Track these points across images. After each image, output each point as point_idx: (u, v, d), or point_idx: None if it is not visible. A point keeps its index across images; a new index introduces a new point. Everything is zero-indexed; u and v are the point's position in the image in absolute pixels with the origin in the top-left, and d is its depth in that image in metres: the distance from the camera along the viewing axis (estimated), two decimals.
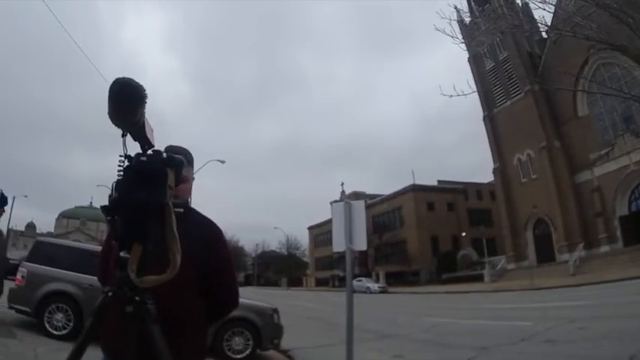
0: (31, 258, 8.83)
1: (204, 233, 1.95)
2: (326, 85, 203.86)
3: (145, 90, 1.38)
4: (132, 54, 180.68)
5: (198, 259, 1.84)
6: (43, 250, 9.05)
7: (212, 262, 1.92)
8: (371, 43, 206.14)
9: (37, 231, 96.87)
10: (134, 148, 1.48)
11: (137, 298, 1.42)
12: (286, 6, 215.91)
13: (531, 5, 6.48)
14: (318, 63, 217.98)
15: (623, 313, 11.23)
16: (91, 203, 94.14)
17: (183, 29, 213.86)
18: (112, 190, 1.42)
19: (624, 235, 36.26)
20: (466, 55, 49.00)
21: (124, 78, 1.35)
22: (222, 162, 29.68)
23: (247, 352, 7.86)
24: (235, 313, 7.94)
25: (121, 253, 1.41)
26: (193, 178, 2.08)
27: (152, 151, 1.49)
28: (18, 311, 8.23)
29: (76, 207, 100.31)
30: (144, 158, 1.45)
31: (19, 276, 8.40)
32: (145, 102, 1.39)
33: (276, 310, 8.56)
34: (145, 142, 1.49)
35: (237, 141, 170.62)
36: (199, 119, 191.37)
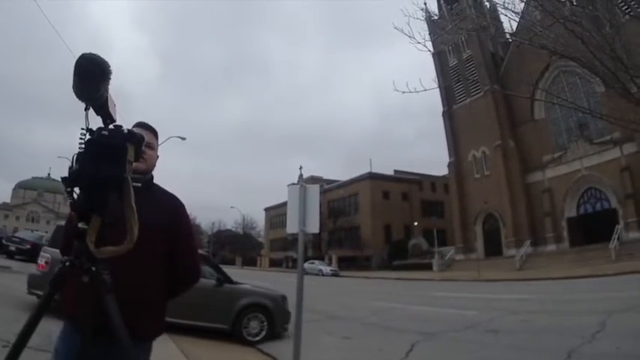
0: (53, 243, 8.51)
1: (168, 207, 2.04)
2: (291, 72, 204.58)
3: (109, 66, 1.40)
4: (99, 28, 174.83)
5: (162, 231, 1.93)
6: None
7: (176, 234, 2.01)
8: (338, 33, 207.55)
9: None
10: (96, 122, 1.50)
11: (93, 269, 1.45)
12: None
13: (498, 9, 6.60)
14: (284, 49, 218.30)
15: (565, 310, 11.69)
16: (49, 174, 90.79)
17: (152, 6, 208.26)
18: (72, 163, 1.44)
19: (571, 235, 37.84)
20: (427, 52, 49.34)
21: (89, 53, 1.37)
22: (183, 139, 29.08)
23: (263, 334, 8.21)
24: (251, 299, 8.30)
25: (80, 224, 1.44)
26: (157, 156, 2.14)
27: (113, 125, 1.51)
28: (39, 297, 7.89)
29: (33, 178, 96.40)
30: (105, 132, 1.47)
31: (41, 261, 8.08)
32: (110, 78, 1.42)
33: (285, 297, 8.87)
34: (107, 117, 1.51)
35: (201, 121, 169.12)
36: (164, 97, 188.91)
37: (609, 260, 27.97)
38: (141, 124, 2.08)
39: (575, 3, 6.63)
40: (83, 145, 1.44)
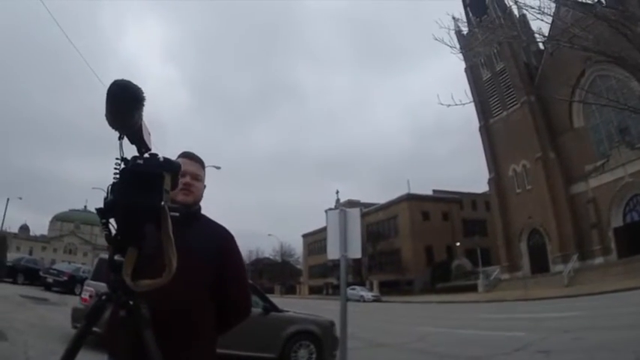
0: (96, 276, 8.73)
1: (216, 238, 1.98)
2: (322, 97, 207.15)
3: (143, 92, 1.36)
4: (131, 63, 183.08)
5: (212, 264, 1.87)
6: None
7: (228, 268, 1.95)
8: (367, 56, 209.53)
9: (31, 234, 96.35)
10: (131, 151, 1.46)
11: (131, 303, 1.40)
12: (285, 19, 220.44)
13: (529, 16, 6.53)
14: (314, 75, 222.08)
15: (617, 325, 11.22)
16: (85, 207, 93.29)
17: (182, 40, 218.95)
18: (107, 193, 1.40)
19: (618, 246, 36.28)
20: (461, 68, 49.30)
21: (122, 80, 1.33)
22: (218, 168, 29.54)
23: None
24: (299, 326, 8.17)
25: (116, 257, 1.39)
26: (205, 185, 2.09)
27: (149, 154, 1.47)
28: None
29: (70, 210, 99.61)
30: (140, 161, 1.43)
31: (85, 295, 8.30)
32: (143, 104, 1.37)
33: (333, 323, 8.69)
34: (142, 145, 1.46)
35: (234, 149, 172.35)
36: (197, 128, 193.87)
37: None
38: (186, 155, 2.04)
39: (604, 4, 6.52)
40: (118, 175, 1.40)
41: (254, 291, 8.64)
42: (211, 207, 2.06)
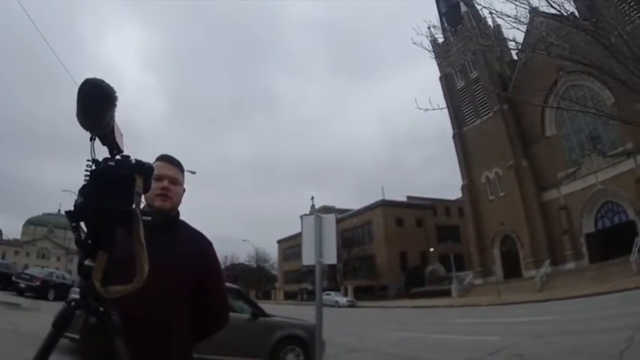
0: None
1: (195, 245, 1.93)
2: (298, 104, 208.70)
3: (115, 92, 1.30)
4: (109, 69, 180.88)
5: (190, 271, 1.81)
6: None
7: (206, 276, 1.90)
8: (342, 65, 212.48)
9: (4, 237, 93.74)
10: (103, 153, 1.42)
11: (101, 309, 1.35)
12: (262, 28, 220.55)
13: (504, 25, 6.64)
14: (290, 83, 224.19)
15: (590, 329, 11.41)
16: (59, 210, 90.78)
17: (160, 48, 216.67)
18: (78, 196, 1.34)
19: (590, 252, 37.15)
20: (435, 77, 50.19)
21: (94, 78, 1.28)
22: (194, 173, 29.15)
23: None
24: (286, 331, 8.15)
25: (86, 262, 1.34)
26: (184, 189, 2.02)
27: (121, 156, 1.41)
28: (71, 340, 7.94)
29: (43, 214, 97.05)
30: (112, 163, 1.38)
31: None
32: (116, 104, 1.32)
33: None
34: (114, 147, 1.41)
35: (210, 155, 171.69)
36: (173, 133, 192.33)
37: (631, 274, 27.31)
38: (163, 158, 1.95)
39: (577, 16, 6.69)
40: (89, 177, 1.34)
41: (241, 296, 8.59)
42: (187, 212, 2.00)
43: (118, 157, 1.40)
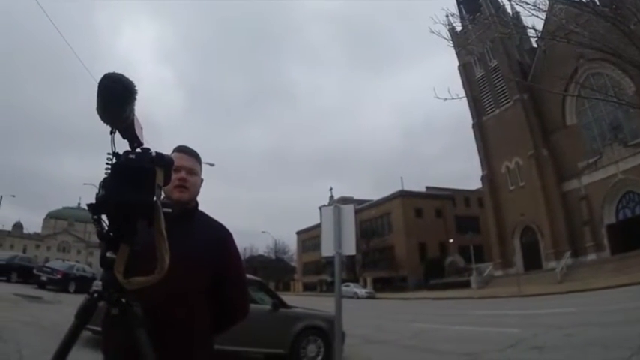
0: None
1: (215, 236, 1.92)
2: (315, 96, 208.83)
3: (135, 85, 1.33)
4: (126, 63, 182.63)
5: (209, 263, 1.82)
6: None
7: (226, 267, 1.90)
8: (359, 56, 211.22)
9: (25, 231, 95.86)
10: (123, 146, 1.43)
11: (123, 300, 1.37)
12: (278, 21, 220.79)
13: (523, 13, 6.54)
14: (307, 75, 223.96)
15: (609, 321, 11.24)
16: (79, 204, 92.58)
17: (177, 42, 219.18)
18: (99, 189, 1.37)
19: (611, 243, 36.49)
20: (453, 67, 49.61)
21: (114, 73, 1.30)
22: (212, 165, 29.46)
23: (320, 358, 8.19)
24: (307, 322, 8.23)
25: (107, 254, 1.36)
26: (202, 179, 2.02)
27: (141, 149, 1.43)
28: (94, 332, 8.13)
29: (64, 208, 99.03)
30: (132, 156, 1.40)
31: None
32: (135, 98, 1.34)
33: None
34: (134, 140, 1.43)
35: (228, 149, 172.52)
36: (190, 127, 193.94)
37: None
38: (180, 149, 1.95)
39: (598, 3, 6.56)
40: (109, 170, 1.37)
41: (262, 288, 8.66)
42: (206, 203, 2.01)
43: (138, 150, 1.43)
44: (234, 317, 2.01)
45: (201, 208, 1.99)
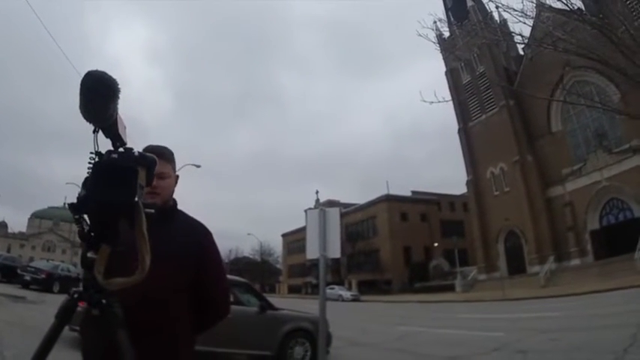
0: None
1: (193, 235, 1.90)
2: (302, 101, 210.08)
3: (118, 84, 1.30)
4: (115, 63, 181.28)
5: (190, 262, 1.80)
6: None
7: (206, 265, 1.88)
8: (346, 62, 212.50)
9: (9, 231, 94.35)
10: (106, 145, 1.41)
11: (103, 301, 1.35)
12: (269, 26, 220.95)
13: (510, 20, 6.60)
14: (295, 80, 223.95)
15: (594, 325, 11.39)
16: (64, 204, 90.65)
17: (167, 44, 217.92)
18: (81, 188, 1.34)
19: (595, 248, 36.96)
20: (440, 73, 49.95)
21: (96, 70, 1.27)
22: (198, 166, 29.41)
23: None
24: (294, 324, 8.26)
25: (88, 254, 1.34)
26: (177, 176, 2.00)
27: (124, 148, 1.41)
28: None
29: (49, 207, 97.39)
30: (115, 155, 1.37)
31: None
32: (119, 97, 1.32)
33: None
34: (117, 139, 1.40)
35: (216, 151, 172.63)
36: (179, 129, 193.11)
37: (635, 271, 26.97)
38: (151, 149, 1.84)
39: (584, 10, 6.65)
40: (91, 169, 1.34)
41: (249, 290, 8.64)
42: (191, 205, 1.99)
43: (121, 149, 1.40)
44: (215, 316, 1.98)
45: (186, 209, 1.97)
